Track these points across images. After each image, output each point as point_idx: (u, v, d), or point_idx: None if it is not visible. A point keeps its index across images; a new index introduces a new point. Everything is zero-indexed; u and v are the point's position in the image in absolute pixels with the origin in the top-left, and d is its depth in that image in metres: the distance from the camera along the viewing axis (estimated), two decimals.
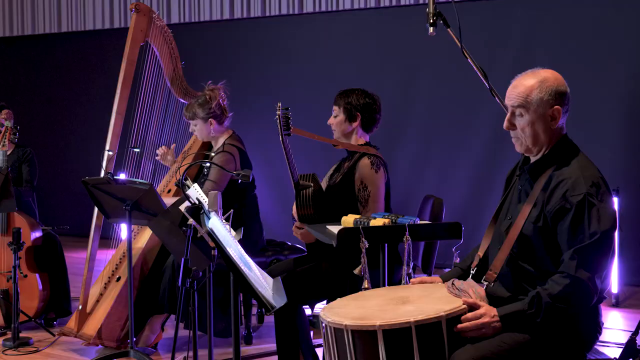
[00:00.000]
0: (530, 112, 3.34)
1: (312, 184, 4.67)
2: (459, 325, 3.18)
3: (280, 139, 4.59)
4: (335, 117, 4.96)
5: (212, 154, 5.82)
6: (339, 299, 3.56)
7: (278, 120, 4.56)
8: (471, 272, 3.53)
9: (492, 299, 3.32)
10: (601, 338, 3.48)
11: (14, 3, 11.45)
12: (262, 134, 8.54)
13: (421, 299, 3.38)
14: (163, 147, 6.04)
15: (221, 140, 5.84)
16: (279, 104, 4.56)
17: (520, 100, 3.35)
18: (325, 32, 9.35)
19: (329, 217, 4.61)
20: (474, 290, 3.31)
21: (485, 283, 3.35)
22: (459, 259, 3.88)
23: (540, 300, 3.17)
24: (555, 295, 3.16)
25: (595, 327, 3.34)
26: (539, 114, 3.33)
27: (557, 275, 3.19)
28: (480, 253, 3.55)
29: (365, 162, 4.80)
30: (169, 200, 5.56)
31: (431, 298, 3.38)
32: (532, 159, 3.44)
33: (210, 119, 5.77)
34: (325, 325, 3.31)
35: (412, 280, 3.77)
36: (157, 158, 6.04)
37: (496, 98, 4.25)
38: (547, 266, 3.28)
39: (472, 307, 3.22)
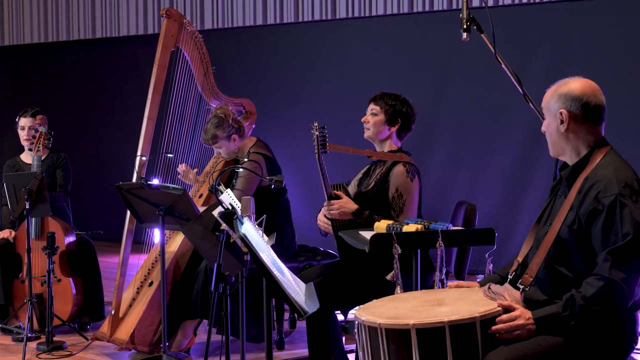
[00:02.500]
0: (547, 114, 3.45)
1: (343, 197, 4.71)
2: (493, 327, 3.18)
3: (317, 157, 4.62)
4: (373, 115, 4.93)
5: (245, 160, 5.82)
6: (374, 300, 3.56)
7: (315, 140, 4.59)
8: (509, 277, 3.52)
9: (529, 302, 3.32)
10: (638, 346, 3.46)
11: (49, 10, 11.54)
12: (293, 140, 8.56)
13: (456, 301, 3.38)
14: (184, 165, 6.05)
15: (246, 149, 5.84)
16: (316, 124, 4.59)
17: (543, 102, 3.48)
18: (358, 38, 9.35)
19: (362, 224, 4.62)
20: (509, 293, 3.30)
21: (521, 287, 3.35)
22: (491, 265, 3.87)
23: (575, 302, 3.17)
24: (589, 297, 3.15)
25: (633, 335, 3.32)
26: (552, 116, 3.43)
27: (591, 278, 3.19)
28: (520, 258, 3.55)
29: (400, 169, 4.78)
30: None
31: (466, 300, 3.38)
32: (569, 164, 3.44)
33: (233, 135, 5.77)
34: (359, 324, 3.32)
35: (448, 284, 3.77)
36: (178, 177, 6.05)
37: (530, 104, 4.23)
38: (583, 270, 3.27)
39: (507, 310, 3.22)
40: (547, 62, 8.08)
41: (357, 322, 3.35)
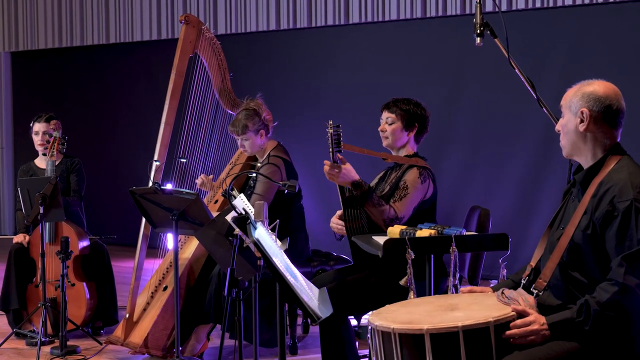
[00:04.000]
0: (566, 112, 3.43)
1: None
2: (508, 332, 3.17)
3: (331, 156, 4.60)
4: (390, 124, 4.93)
5: (258, 165, 5.83)
6: (387, 305, 3.56)
7: (330, 138, 4.57)
8: (522, 281, 3.51)
9: (542, 307, 3.31)
10: None
11: (63, 15, 11.58)
12: (307, 145, 8.56)
13: (470, 306, 3.37)
14: (203, 175, 6.05)
15: (267, 152, 5.84)
16: (330, 122, 4.56)
17: (562, 100, 3.46)
18: (370, 43, 9.35)
19: (377, 228, 4.61)
20: (523, 298, 3.29)
21: (535, 292, 3.34)
22: (505, 270, 3.86)
23: (589, 308, 3.16)
24: (604, 303, 3.14)
25: None
26: (571, 114, 3.40)
27: (605, 283, 3.18)
28: (533, 263, 3.54)
29: (413, 171, 4.80)
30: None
31: (480, 305, 3.37)
32: (584, 167, 3.43)
33: (261, 131, 5.78)
34: (373, 329, 3.31)
35: (461, 289, 3.76)
36: (197, 187, 6.04)
37: (544, 108, 4.22)
38: (597, 275, 3.26)
39: (521, 315, 3.21)
40: (561, 66, 8.07)
41: (370, 328, 3.34)
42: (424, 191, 4.78)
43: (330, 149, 4.59)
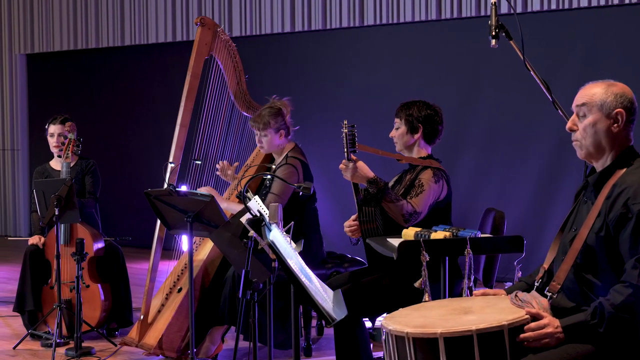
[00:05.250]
0: (593, 112, 3.35)
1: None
2: (522, 335, 3.16)
3: (346, 156, 4.60)
4: (397, 129, 4.95)
5: (274, 166, 5.83)
6: (401, 309, 3.55)
7: (344, 138, 4.57)
8: (535, 284, 3.50)
9: (556, 310, 3.30)
10: None
11: (78, 17, 11.62)
12: (322, 147, 8.55)
13: (484, 310, 3.36)
14: (223, 161, 6.05)
15: (284, 153, 5.84)
16: (345, 122, 4.56)
17: (585, 99, 3.38)
18: (385, 45, 9.34)
19: (391, 230, 4.61)
20: (537, 301, 3.28)
21: (549, 294, 3.33)
22: (520, 272, 3.85)
23: (603, 310, 3.14)
24: (618, 305, 3.12)
25: None
26: (602, 114, 3.34)
27: (619, 285, 3.17)
28: (546, 265, 3.53)
29: (428, 172, 4.80)
30: (233, 206, 5.59)
31: (494, 308, 3.35)
32: (597, 170, 3.41)
33: (281, 131, 5.78)
34: (387, 333, 3.31)
35: (474, 292, 3.75)
36: (217, 173, 6.05)
37: (559, 111, 4.21)
38: (611, 277, 3.24)
39: (535, 318, 3.20)
40: (577, 68, 8.04)
41: (384, 332, 3.34)
42: (438, 191, 4.79)
43: (345, 149, 4.60)
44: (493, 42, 4.30)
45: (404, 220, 4.62)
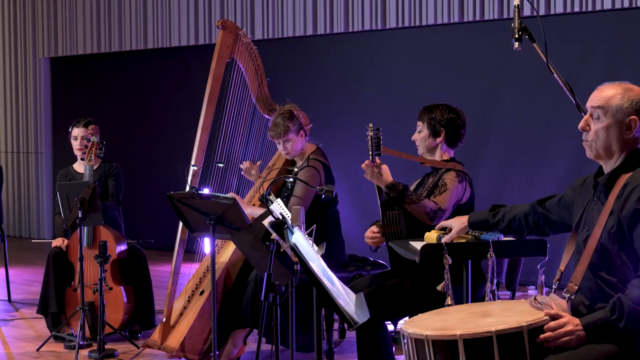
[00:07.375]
0: (607, 116, 3.35)
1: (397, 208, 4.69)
2: (542, 335, 3.15)
3: (370, 159, 4.60)
4: (419, 132, 4.95)
5: (296, 169, 5.83)
6: (420, 314, 3.55)
7: (370, 141, 4.57)
8: (553, 286, 3.49)
9: (575, 311, 3.29)
10: None
11: (101, 21, 11.67)
12: (344, 150, 8.55)
13: (503, 312, 3.37)
14: (247, 161, 6.06)
15: (306, 155, 5.84)
16: (370, 125, 4.56)
17: (601, 102, 3.37)
18: (408, 47, 9.33)
19: (415, 233, 4.60)
20: (556, 303, 3.27)
21: (567, 295, 3.32)
22: (543, 276, 3.83)
23: (622, 305, 3.14)
24: (637, 298, 3.11)
25: None
26: (616, 120, 3.34)
27: (636, 280, 3.17)
28: (562, 267, 3.51)
29: (451, 173, 4.81)
30: (257, 211, 5.58)
31: (513, 311, 3.36)
32: (606, 170, 3.41)
33: (300, 131, 5.78)
34: (406, 336, 3.31)
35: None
36: (241, 172, 6.06)
37: (582, 113, 4.20)
38: (628, 274, 3.24)
39: (554, 318, 3.19)
40: (600, 71, 8.00)
41: (404, 335, 3.34)
42: (461, 191, 4.78)
43: (370, 152, 4.60)
44: (516, 44, 4.29)
45: (428, 218, 4.62)
